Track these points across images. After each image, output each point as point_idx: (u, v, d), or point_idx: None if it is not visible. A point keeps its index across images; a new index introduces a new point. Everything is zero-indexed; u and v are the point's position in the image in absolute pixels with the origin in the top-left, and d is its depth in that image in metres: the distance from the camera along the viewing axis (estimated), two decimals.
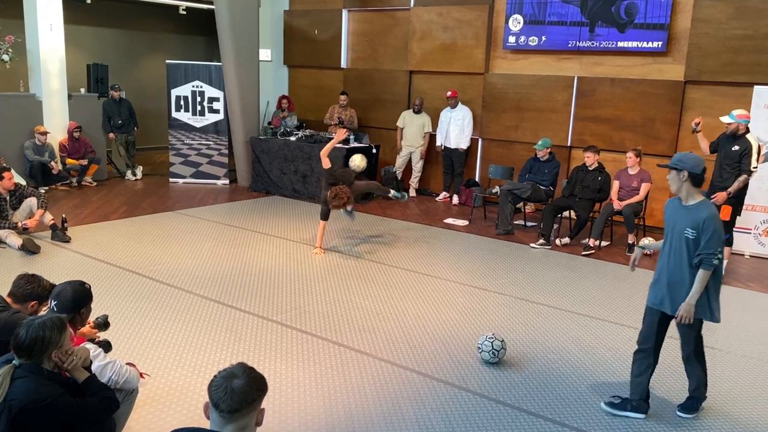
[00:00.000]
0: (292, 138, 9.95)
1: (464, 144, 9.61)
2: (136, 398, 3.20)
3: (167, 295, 5.43)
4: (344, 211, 7.06)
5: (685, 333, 3.74)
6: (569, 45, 8.86)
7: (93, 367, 2.83)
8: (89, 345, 2.93)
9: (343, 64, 11.21)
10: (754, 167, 6.08)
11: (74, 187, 9.75)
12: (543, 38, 9.05)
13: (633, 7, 8.32)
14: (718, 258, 3.51)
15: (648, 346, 3.79)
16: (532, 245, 7.46)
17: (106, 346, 3.43)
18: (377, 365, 4.31)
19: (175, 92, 10.45)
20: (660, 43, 8.20)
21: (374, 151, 9.86)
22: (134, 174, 10.77)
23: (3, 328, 2.99)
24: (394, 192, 7.53)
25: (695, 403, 3.87)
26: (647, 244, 4.10)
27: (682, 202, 3.66)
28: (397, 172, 10.15)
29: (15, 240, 6.44)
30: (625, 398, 3.85)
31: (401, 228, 8.16)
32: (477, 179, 9.97)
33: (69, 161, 9.67)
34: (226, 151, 10.61)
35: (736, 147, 6.12)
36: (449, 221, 8.61)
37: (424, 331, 4.91)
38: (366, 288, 5.85)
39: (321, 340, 4.67)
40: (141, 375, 3.33)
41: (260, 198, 9.74)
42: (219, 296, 5.47)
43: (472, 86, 9.86)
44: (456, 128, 9.59)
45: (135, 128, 10.85)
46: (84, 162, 9.79)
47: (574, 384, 4.17)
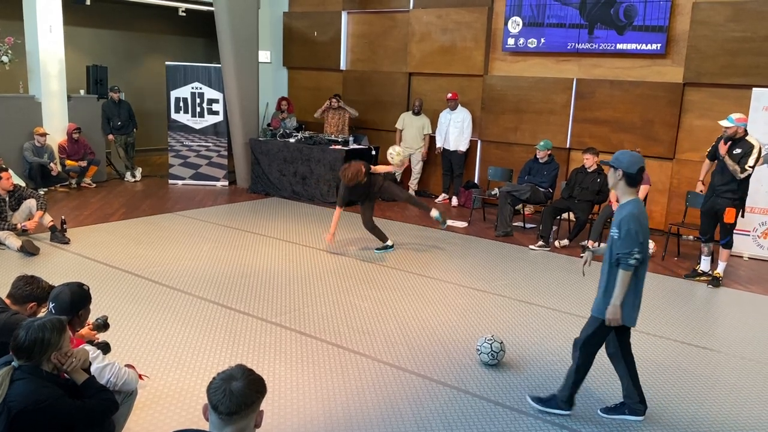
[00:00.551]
0: (292, 139, 9.95)
1: (463, 146, 9.62)
2: (135, 400, 3.20)
3: (166, 297, 5.43)
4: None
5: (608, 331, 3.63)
6: (568, 47, 8.87)
7: (92, 369, 2.83)
8: (88, 347, 2.93)
9: (343, 66, 11.23)
10: (750, 166, 6.02)
11: (73, 189, 9.75)
12: (542, 40, 9.07)
13: (632, 10, 8.33)
14: (636, 258, 3.38)
15: (612, 351, 3.76)
16: (531, 247, 7.46)
17: (105, 348, 3.43)
18: (376, 367, 4.31)
19: (175, 94, 10.45)
20: (659, 46, 8.22)
21: (374, 153, 9.87)
22: (133, 175, 10.78)
23: (2, 330, 2.99)
24: (437, 214, 7.09)
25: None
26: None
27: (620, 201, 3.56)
28: (397, 174, 10.15)
29: (14, 241, 6.44)
30: (621, 402, 3.80)
31: (400, 230, 8.16)
32: (476, 181, 9.98)
33: (68, 163, 9.67)
34: (226, 153, 10.61)
35: (738, 150, 6.06)
36: (448, 223, 8.59)
37: (423, 333, 4.91)
38: (365, 290, 5.85)
39: (320, 342, 4.67)
40: (140, 377, 3.33)
41: (259, 199, 9.74)
42: (218, 298, 5.47)
43: (471, 88, 9.87)
44: (455, 130, 9.60)
45: (134, 130, 10.87)
46: (83, 163, 9.79)
47: None
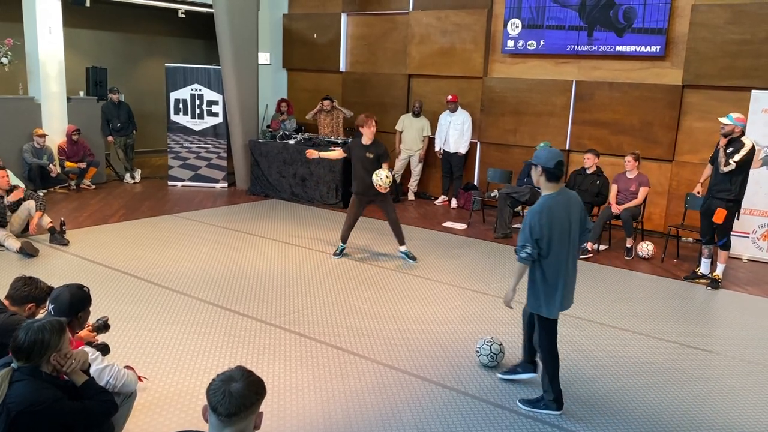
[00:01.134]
0: (291, 141, 9.95)
1: (463, 148, 9.62)
2: (135, 401, 3.20)
3: (165, 299, 5.43)
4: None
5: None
6: (567, 49, 8.88)
7: (91, 371, 2.83)
8: (87, 348, 2.93)
9: (342, 68, 11.23)
10: (734, 161, 6.00)
11: (73, 190, 9.74)
12: (541, 42, 9.08)
13: (631, 12, 8.34)
14: (527, 252, 3.54)
15: (536, 340, 3.93)
16: None
17: (104, 349, 3.43)
18: (375, 369, 4.31)
19: (174, 95, 10.46)
20: (658, 48, 8.22)
21: None
22: (133, 177, 10.77)
23: (0, 331, 2.99)
24: (405, 249, 6.81)
25: (537, 403, 3.83)
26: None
27: None
28: (396, 176, 10.15)
29: (13, 243, 6.44)
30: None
31: None
32: (476, 183, 9.98)
33: (68, 164, 9.67)
34: (225, 155, 10.61)
35: (731, 149, 6.09)
36: (448, 224, 8.61)
37: (423, 335, 4.91)
38: (364, 291, 5.85)
39: (319, 344, 4.67)
40: (139, 378, 3.33)
41: (259, 201, 9.74)
42: (217, 299, 5.47)
43: (471, 90, 9.87)
44: (455, 132, 9.60)
45: (134, 131, 10.88)
46: (82, 165, 9.79)
47: (572, 387, 4.17)
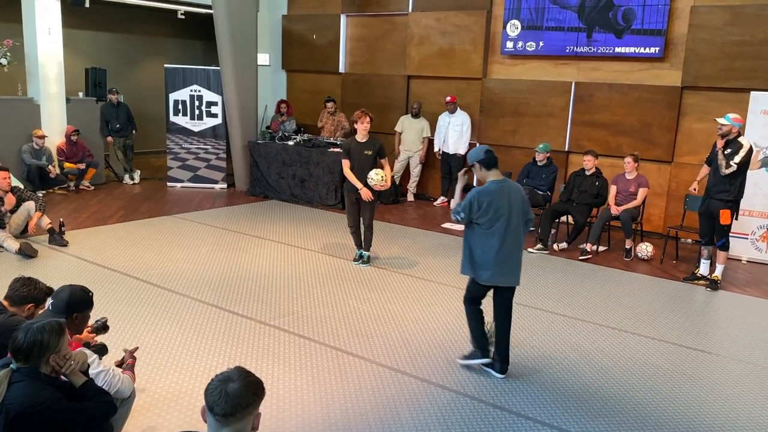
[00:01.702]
0: (290, 142, 9.95)
1: (462, 149, 9.62)
2: (133, 402, 3.19)
3: (165, 299, 5.43)
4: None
5: None
6: (567, 50, 8.89)
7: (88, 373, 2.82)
8: (85, 350, 2.92)
9: (342, 69, 11.23)
10: (735, 163, 6.03)
11: (72, 191, 9.74)
12: (540, 43, 9.08)
13: (630, 13, 8.35)
14: (459, 215, 4.13)
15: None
16: (530, 250, 7.46)
17: (102, 350, 3.42)
18: (374, 370, 4.31)
19: (174, 96, 10.45)
20: (657, 49, 8.23)
21: None
22: (132, 178, 10.77)
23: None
24: (367, 255, 6.71)
25: (472, 357, 4.37)
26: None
27: None
28: (396, 177, 10.15)
29: (12, 244, 6.43)
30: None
31: (399, 232, 8.16)
32: (475, 184, 9.97)
33: (67, 165, 9.66)
34: (224, 155, 10.61)
35: (729, 150, 6.10)
36: (447, 226, 8.61)
37: (422, 336, 4.91)
38: (363, 292, 5.85)
39: (318, 345, 4.67)
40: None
41: (258, 202, 9.73)
42: (216, 300, 5.46)
43: (470, 91, 9.88)
44: (455, 134, 9.61)
45: (133, 132, 10.87)
46: (82, 166, 9.79)
47: (572, 388, 4.17)
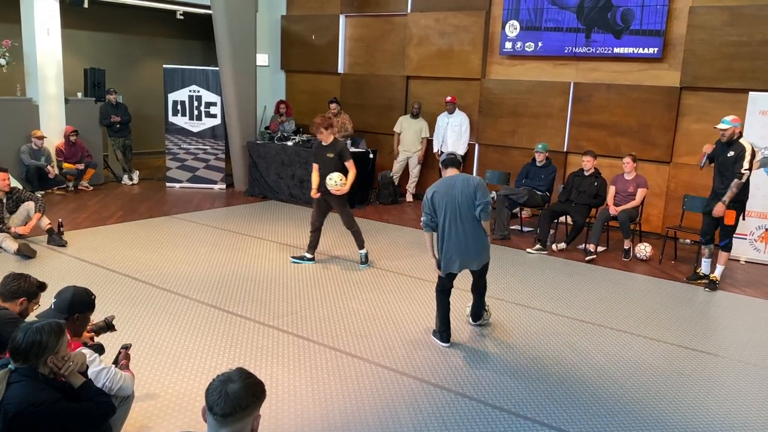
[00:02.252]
0: (289, 143, 9.95)
1: (461, 150, 9.62)
2: (132, 403, 3.19)
3: (164, 300, 5.42)
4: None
5: None
6: (565, 51, 8.89)
7: (88, 373, 2.82)
8: (85, 350, 2.92)
9: (341, 69, 11.23)
10: (746, 169, 6.10)
11: (71, 192, 9.73)
12: (539, 44, 9.09)
13: (629, 14, 8.36)
14: (423, 220, 4.93)
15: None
16: (529, 250, 7.47)
17: (99, 350, 3.41)
18: (374, 370, 4.31)
19: (172, 97, 10.45)
20: (656, 50, 8.24)
21: (371, 156, 9.88)
22: (131, 178, 10.76)
23: None
24: (364, 252, 6.68)
25: (434, 332, 4.85)
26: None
27: None
28: (394, 177, 10.16)
29: (11, 245, 6.43)
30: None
31: (398, 233, 8.16)
32: None
33: (65, 165, 9.65)
34: (223, 156, 10.61)
35: (731, 153, 6.16)
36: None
37: (421, 336, 4.91)
38: (362, 293, 5.85)
39: (317, 345, 4.67)
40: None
41: (257, 202, 9.73)
42: (215, 301, 5.46)
43: (469, 92, 9.88)
44: (453, 134, 9.60)
45: (129, 122, 10.73)
46: (80, 166, 9.78)
47: (571, 389, 4.17)
